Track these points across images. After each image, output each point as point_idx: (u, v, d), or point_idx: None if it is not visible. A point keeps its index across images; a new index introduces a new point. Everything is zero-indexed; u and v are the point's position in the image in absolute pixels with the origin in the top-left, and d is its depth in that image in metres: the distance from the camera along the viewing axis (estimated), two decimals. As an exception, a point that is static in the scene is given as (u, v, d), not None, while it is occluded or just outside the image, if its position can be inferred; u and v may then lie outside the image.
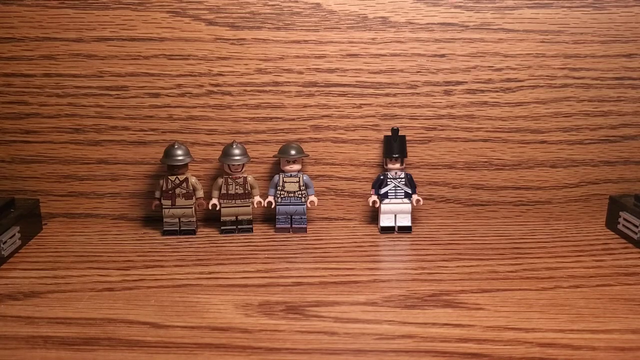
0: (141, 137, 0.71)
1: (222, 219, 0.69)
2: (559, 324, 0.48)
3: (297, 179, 0.69)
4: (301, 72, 0.69)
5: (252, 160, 0.71)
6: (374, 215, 0.73)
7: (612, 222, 0.70)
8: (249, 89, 0.70)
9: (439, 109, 0.71)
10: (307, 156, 0.70)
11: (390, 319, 0.49)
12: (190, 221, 0.69)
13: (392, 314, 0.50)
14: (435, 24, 0.68)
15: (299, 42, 0.68)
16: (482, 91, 0.70)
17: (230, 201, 0.69)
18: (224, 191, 0.69)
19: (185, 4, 0.67)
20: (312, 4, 0.68)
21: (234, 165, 0.67)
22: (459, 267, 0.59)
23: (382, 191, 0.69)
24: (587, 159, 0.73)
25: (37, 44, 0.68)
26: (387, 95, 0.70)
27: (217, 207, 0.69)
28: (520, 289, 0.54)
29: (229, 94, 0.70)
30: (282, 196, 0.69)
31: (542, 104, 0.71)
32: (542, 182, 0.74)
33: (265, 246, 0.66)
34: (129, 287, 0.55)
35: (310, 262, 0.61)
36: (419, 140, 0.72)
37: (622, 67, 0.70)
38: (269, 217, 0.73)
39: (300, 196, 0.69)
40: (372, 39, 0.69)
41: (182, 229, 0.69)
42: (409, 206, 0.70)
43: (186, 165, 0.68)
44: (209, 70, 0.69)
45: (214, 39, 0.68)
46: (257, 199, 0.70)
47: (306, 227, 0.70)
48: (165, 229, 0.69)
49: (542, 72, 0.70)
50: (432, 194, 0.74)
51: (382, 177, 0.70)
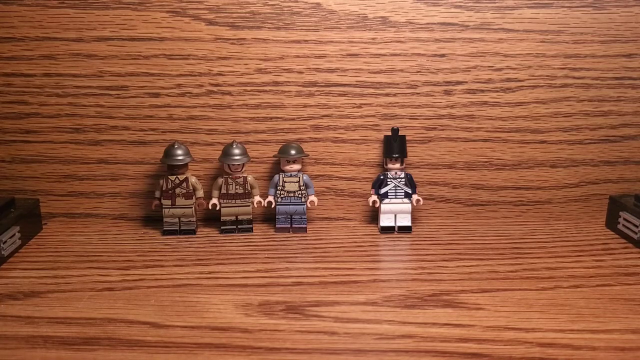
0: (141, 137, 0.71)
1: (222, 218, 0.69)
2: (559, 324, 0.48)
3: (297, 179, 0.69)
4: (301, 72, 0.69)
5: (252, 160, 0.71)
6: (374, 215, 0.73)
7: (612, 222, 0.70)
8: (249, 88, 0.70)
9: (439, 109, 0.71)
10: (307, 156, 0.70)
11: (390, 319, 0.49)
12: (190, 221, 0.69)
13: (392, 314, 0.50)
14: (435, 23, 0.68)
15: (299, 42, 0.68)
16: (482, 91, 0.70)
17: (230, 201, 0.69)
18: (224, 191, 0.69)
19: (185, 4, 0.67)
20: (312, 3, 0.68)
21: (234, 165, 0.67)
22: (459, 267, 0.59)
23: (382, 191, 0.69)
24: (587, 159, 0.73)
25: (37, 43, 0.68)
26: (387, 95, 0.70)
27: (217, 207, 0.69)
28: (520, 289, 0.54)
29: (229, 93, 0.70)
30: (282, 196, 0.69)
31: (542, 104, 0.71)
32: (542, 182, 0.74)
33: (265, 246, 0.66)
34: (129, 287, 0.55)
35: (310, 262, 0.61)
36: (419, 140, 0.72)
37: (622, 67, 0.70)
38: (269, 217, 0.73)
39: (300, 196, 0.69)
40: (372, 38, 0.69)
41: (182, 228, 0.69)
42: (409, 206, 0.70)
43: (186, 165, 0.68)
44: (209, 70, 0.69)
45: (214, 39, 0.68)
46: (257, 198, 0.70)
47: (306, 227, 0.70)
48: (165, 228, 0.69)
49: (542, 72, 0.70)
50: (432, 194, 0.74)
51: (382, 177, 0.70)
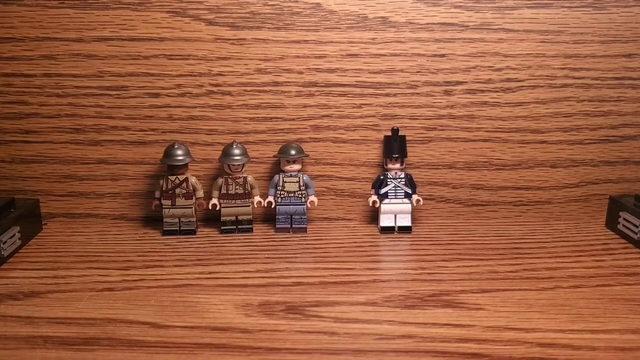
0: (141, 137, 0.71)
1: (222, 219, 0.69)
2: (559, 324, 0.48)
3: (297, 179, 0.69)
4: (301, 72, 0.69)
5: (252, 160, 0.71)
6: (374, 215, 0.73)
7: (612, 222, 0.70)
8: (249, 89, 0.70)
9: (439, 109, 0.71)
10: (307, 156, 0.70)
11: (390, 319, 0.49)
12: (190, 221, 0.69)
13: (392, 314, 0.50)
14: (435, 24, 0.68)
15: (299, 42, 0.68)
16: (482, 91, 0.70)
17: (230, 201, 0.69)
18: (224, 191, 0.69)
19: (185, 4, 0.67)
20: (312, 4, 0.68)
21: (234, 165, 0.67)
22: (459, 267, 0.59)
23: (382, 191, 0.69)
24: (587, 159, 0.73)
25: (37, 44, 0.68)
26: (387, 95, 0.70)
27: (217, 207, 0.69)
28: (520, 289, 0.54)
29: (229, 94, 0.70)
30: (282, 196, 0.69)
31: (542, 104, 0.71)
32: (542, 182, 0.74)
33: (265, 246, 0.66)
34: (129, 287, 0.55)
35: (310, 262, 0.61)
36: (419, 140, 0.72)
37: (622, 67, 0.70)
38: (269, 217, 0.73)
39: (300, 196, 0.69)
40: (372, 39, 0.69)
41: (182, 229, 0.69)
42: (409, 206, 0.70)
43: (186, 165, 0.68)
44: (209, 70, 0.69)
45: (214, 39, 0.68)
46: (257, 199, 0.70)
47: (306, 227, 0.70)
48: (165, 229, 0.69)
49: (542, 72, 0.70)
50: (432, 194, 0.74)
51: (382, 177, 0.70)
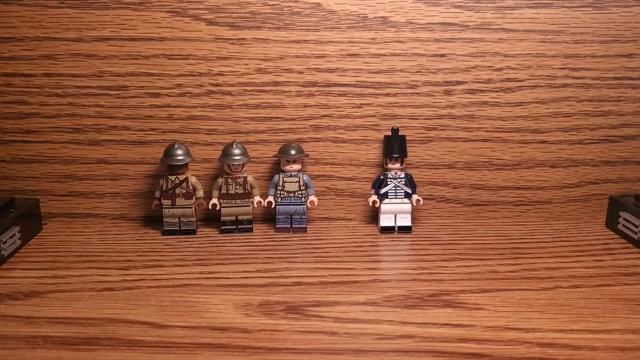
0: (141, 137, 0.71)
1: (222, 218, 0.69)
2: (559, 324, 0.48)
3: (297, 179, 0.69)
4: (301, 72, 0.69)
5: (252, 160, 0.71)
6: (374, 215, 0.73)
7: (612, 222, 0.70)
8: (249, 88, 0.70)
9: (439, 109, 0.71)
10: (307, 156, 0.70)
11: (390, 319, 0.49)
12: (190, 221, 0.69)
13: (392, 314, 0.50)
14: (435, 23, 0.68)
15: (299, 42, 0.68)
16: (482, 91, 0.70)
17: (230, 201, 0.69)
18: (224, 191, 0.69)
19: (185, 4, 0.67)
20: (312, 3, 0.68)
21: (234, 165, 0.67)
22: (459, 267, 0.59)
23: (382, 191, 0.69)
24: (587, 159, 0.73)
25: (37, 43, 0.68)
26: (387, 95, 0.70)
27: (217, 207, 0.69)
28: (520, 289, 0.54)
29: (229, 93, 0.70)
30: (282, 196, 0.69)
31: (542, 104, 0.71)
32: (542, 182, 0.74)
33: (265, 246, 0.66)
34: (129, 287, 0.55)
35: (310, 262, 0.61)
36: (419, 140, 0.72)
37: (622, 67, 0.70)
38: (269, 217, 0.73)
39: (300, 196, 0.69)
40: (372, 38, 0.69)
41: (182, 228, 0.69)
42: (409, 206, 0.70)
43: (186, 165, 0.68)
44: (209, 70, 0.69)
45: (214, 39, 0.68)
46: (257, 198, 0.70)
47: (306, 227, 0.70)
48: (165, 228, 0.69)
49: (542, 72, 0.70)
50: (432, 194, 0.74)
51: (382, 177, 0.70)
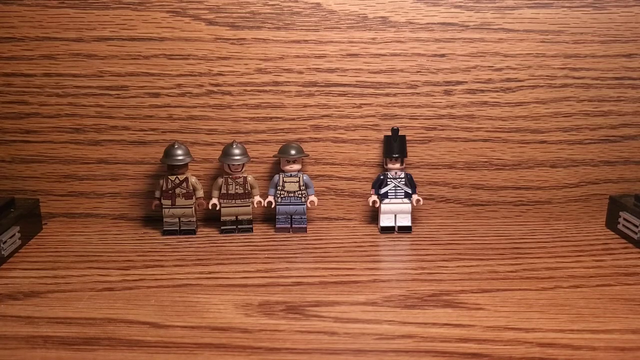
0: (141, 137, 0.71)
1: (222, 218, 0.69)
2: (559, 324, 0.48)
3: (297, 179, 0.69)
4: (301, 72, 0.69)
5: (252, 160, 0.71)
6: (374, 215, 0.73)
7: (612, 222, 0.70)
8: (249, 88, 0.70)
9: (439, 109, 0.71)
10: (307, 156, 0.70)
11: (390, 319, 0.49)
12: (190, 221, 0.69)
13: (392, 314, 0.50)
14: (435, 23, 0.68)
15: (299, 42, 0.68)
16: (482, 91, 0.70)
17: (230, 201, 0.69)
18: (224, 191, 0.69)
19: (185, 3, 0.67)
20: (312, 3, 0.68)
21: (234, 165, 0.67)
22: (459, 267, 0.59)
23: (382, 191, 0.69)
24: (587, 159, 0.73)
25: (37, 43, 0.68)
26: (387, 95, 0.70)
27: (217, 207, 0.69)
28: (520, 289, 0.54)
29: (229, 93, 0.70)
30: (282, 196, 0.69)
31: (542, 104, 0.71)
32: (542, 182, 0.74)
33: (265, 246, 0.66)
34: (129, 287, 0.55)
35: (310, 262, 0.61)
36: (419, 140, 0.72)
37: (622, 67, 0.70)
38: (269, 217, 0.73)
39: (300, 196, 0.69)
40: (372, 38, 0.69)
41: (182, 228, 0.69)
42: (409, 206, 0.70)
43: (186, 165, 0.68)
44: (209, 70, 0.69)
45: (214, 39, 0.68)
46: (257, 198, 0.70)
47: (306, 227, 0.70)
48: (165, 228, 0.69)
49: (542, 72, 0.70)
50: (432, 194, 0.74)
51: (382, 177, 0.70)
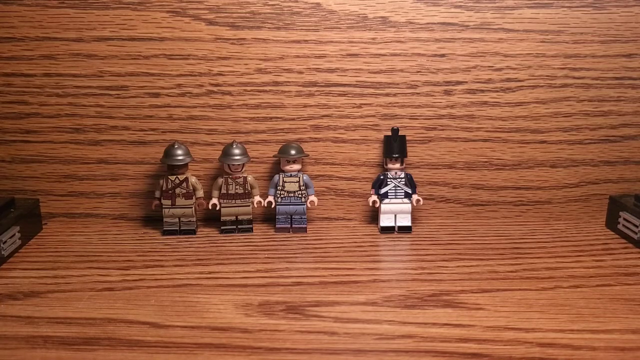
0: (141, 137, 0.71)
1: (222, 218, 0.69)
2: (559, 324, 0.48)
3: (297, 179, 0.69)
4: (301, 72, 0.69)
5: (252, 160, 0.71)
6: (374, 215, 0.73)
7: (612, 222, 0.70)
8: (249, 88, 0.70)
9: (439, 109, 0.71)
10: (307, 156, 0.70)
11: (390, 319, 0.49)
12: (190, 221, 0.69)
13: (392, 314, 0.50)
14: (435, 23, 0.68)
15: (299, 42, 0.68)
16: (482, 91, 0.70)
17: (230, 201, 0.69)
18: (224, 191, 0.69)
19: (185, 3, 0.67)
20: (312, 3, 0.68)
21: (234, 165, 0.67)
22: (459, 267, 0.59)
23: (382, 191, 0.69)
24: (587, 159, 0.73)
25: (37, 43, 0.68)
26: (387, 95, 0.70)
27: (217, 207, 0.69)
28: (520, 289, 0.54)
29: (229, 93, 0.70)
30: (282, 196, 0.69)
31: (542, 104, 0.71)
32: (542, 182, 0.74)
33: (265, 246, 0.66)
34: (129, 287, 0.55)
35: (310, 262, 0.61)
36: (419, 140, 0.72)
37: (622, 67, 0.70)
38: (269, 217, 0.73)
39: (300, 196, 0.69)
40: (372, 38, 0.69)
41: (182, 228, 0.69)
42: (409, 206, 0.70)
43: (186, 165, 0.68)
44: (209, 70, 0.69)
45: (214, 39, 0.68)
46: (257, 198, 0.70)
47: (306, 227, 0.70)
48: (165, 228, 0.69)
49: (542, 72, 0.70)
50: (432, 194, 0.74)
51: (382, 177, 0.70)
